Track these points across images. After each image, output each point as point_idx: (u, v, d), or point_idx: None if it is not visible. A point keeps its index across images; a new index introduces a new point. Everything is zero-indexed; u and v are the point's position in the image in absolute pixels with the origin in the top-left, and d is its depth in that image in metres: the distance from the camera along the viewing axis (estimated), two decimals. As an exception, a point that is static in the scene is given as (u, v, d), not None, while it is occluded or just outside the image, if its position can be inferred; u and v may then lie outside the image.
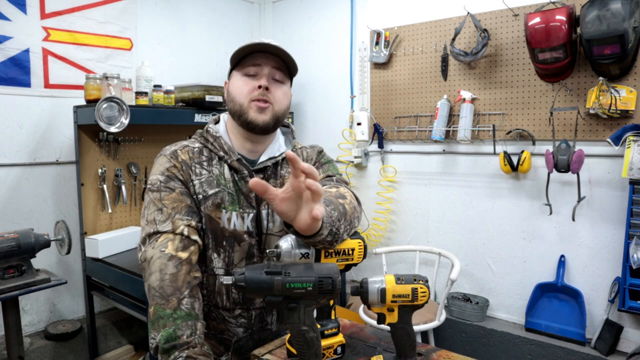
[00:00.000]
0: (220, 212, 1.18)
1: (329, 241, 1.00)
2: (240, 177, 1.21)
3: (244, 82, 1.19)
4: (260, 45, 1.16)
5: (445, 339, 2.78)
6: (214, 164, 1.21)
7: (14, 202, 2.50)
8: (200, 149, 1.23)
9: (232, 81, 1.23)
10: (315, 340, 0.96)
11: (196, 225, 1.14)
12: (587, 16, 2.10)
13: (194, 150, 1.22)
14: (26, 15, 2.45)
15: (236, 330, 1.23)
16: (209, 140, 1.23)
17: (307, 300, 0.94)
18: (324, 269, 0.96)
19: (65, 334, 2.56)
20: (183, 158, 1.19)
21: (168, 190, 1.14)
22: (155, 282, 1.05)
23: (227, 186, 1.19)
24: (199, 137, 1.26)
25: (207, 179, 1.19)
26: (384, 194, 3.13)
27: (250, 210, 1.20)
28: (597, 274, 2.43)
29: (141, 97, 2.54)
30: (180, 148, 1.22)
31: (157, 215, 1.12)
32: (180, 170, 1.17)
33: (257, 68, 1.18)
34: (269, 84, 1.18)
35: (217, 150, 1.22)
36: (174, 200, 1.13)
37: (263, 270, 0.92)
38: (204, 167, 1.20)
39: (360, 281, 1.03)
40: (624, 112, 2.23)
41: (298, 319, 0.94)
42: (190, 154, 1.21)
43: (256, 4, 3.70)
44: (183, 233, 1.10)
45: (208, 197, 1.17)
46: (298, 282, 0.92)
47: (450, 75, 2.79)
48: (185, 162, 1.19)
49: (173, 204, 1.13)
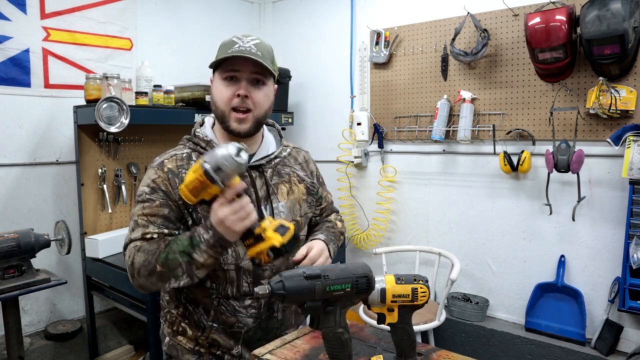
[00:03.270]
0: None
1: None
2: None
3: (224, 87, 1.21)
4: (238, 54, 1.17)
5: (445, 339, 2.78)
6: None
7: (14, 202, 2.50)
8: (189, 154, 1.25)
9: (214, 84, 1.25)
10: (349, 342, 0.96)
11: (169, 232, 1.17)
12: (587, 16, 2.10)
13: (182, 157, 1.24)
14: (26, 15, 2.45)
15: (246, 321, 1.25)
16: (199, 144, 1.26)
17: (344, 302, 0.94)
18: (358, 268, 0.95)
19: (65, 334, 2.56)
20: (169, 167, 1.22)
21: (149, 202, 1.19)
22: (141, 258, 1.13)
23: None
24: (187, 143, 1.28)
25: None
26: (384, 194, 3.13)
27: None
28: (597, 274, 2.43)
29: (141, 97, 2.54)
30: (168, 157, 1.24)
31: (134, 226, 1.19)
32: (165, 180, 1.20)
33: (236, 73, 1.20)
34: (247, 90, 1.20)
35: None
36: (153, 211, 1.18)
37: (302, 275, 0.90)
38: None
39: (361, 281, 1.03)
40: (624, 112, 2.23)
41: (334, 321, 0.93)
42: (179, 161, 1.23)
43: (256, 4, 3.70)
44: (153, 237, 1.16)
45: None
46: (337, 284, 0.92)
47: (450, 75, 2.79)
48: (172, 171, 1.21)
49: (150, 215, 1.18)
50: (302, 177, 1.38)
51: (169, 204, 1.19)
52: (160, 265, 1.11)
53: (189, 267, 1.10)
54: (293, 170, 1.37)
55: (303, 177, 1.39)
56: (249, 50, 1.18)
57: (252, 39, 1.21)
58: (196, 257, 1.08)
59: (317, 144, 3.49)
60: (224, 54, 1.19)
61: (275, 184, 1.30)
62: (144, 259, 1.13)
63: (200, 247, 1.08)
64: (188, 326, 1.28)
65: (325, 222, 1.47)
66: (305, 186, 1.39)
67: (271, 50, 1.26)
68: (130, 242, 1.18)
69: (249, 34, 1.24)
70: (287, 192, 1.32)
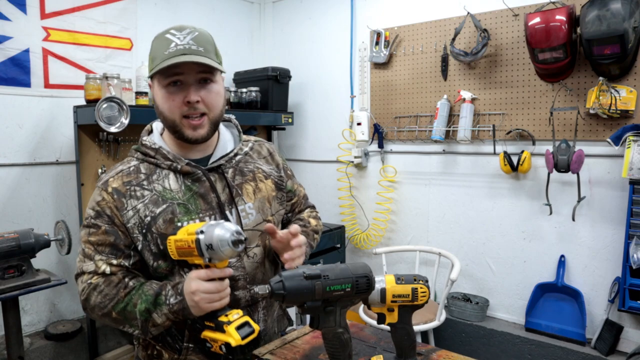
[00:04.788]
0: (175, 226, 1.09)
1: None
2: (193, 180, 1.13)
3: (169, 95, 1.08)
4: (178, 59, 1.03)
5: (445, 339, 2.78)
6: (155, 179, 1.12)
7: (14, 202, 2.50)
8: (137, 167, 1.14)
9: (155, 91, 1.11)
10: (349, 342, 0.95)
11: (119, 262, 1.09)
12: (587, 16, 2.10)
13: (129, 172, 1.13)
14: (26, 15, 2.45)
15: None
16: (147, 154, 1.15)
17: (344, 302, 0.94)
18: (359, 268, 0.95)
19: (65, 334, 2.56)
20: (114, 186, 1.11)
21: (95, 228, 1.10)
22: (98, 299, 1.07)
23: (175, 198, 1.11)
24: (134, 153, 1.18)
25: (151, 198, 1.10)
26: (384, 194, 3.13)
27: (211, 212, 1.13)
28: (597, 274, 2.43)
29: (141, 97, 2.54)
30: (113, 175, 1.13)
31: (83, 254, 1.11)
32: (109, 204, 1.09)
33: (180, 77, 1.06)
34: (197, 95, 1.07)
35: (160, 162, 1.13)
36: (99, 239, 1.09)
37: (301, 275, 0.90)
38: (144, 188, 1.11)
39: (361, 281, 1.03)
40: (624, 112, 2.23)
41: (334, 321, 0.93)
42: (125, 178, 1.12)
43: (256, 4, 3.70)
44: (105, 272, 1.09)
45: (157, 217, 1.09)
46: (337, 284, 0.91)
47: (450, 75, 2.79)
48: (117, 190, 1.10)
49: (97, 243, 1.10)
50: (267, 173, 1.27)
51: (115, 230, 1.09)
52: (117, 314, 1.06)
53: (144, 324, 1.04)
54: (257, 166, 1.25)
55: (269, 172, 1.27)
56: (189, 49, 1.04)
57: (188, 32, 1.07)
58: (155, 317, 1.03)
59: (317, 144, 3.49)
60: (161, 57, 1.04)
61: (238, 184, 1.19)
62: (100, 301, 1.07)
63: (162, 309, 1.02)
64: (163, 349, 1.16)
65: (297, 221, 1.34)
66: (273, 181, 1.27)
67: (211, 39, 1.12)
68: (83, 274, 1.10)
69: (184, 26, 1.09)
70: (253, 191, 1.21)
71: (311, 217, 1.37)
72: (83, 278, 1.10)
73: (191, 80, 1.07)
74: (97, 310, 1.08)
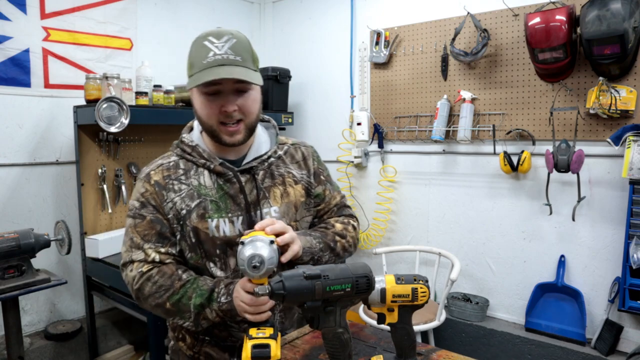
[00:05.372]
0: (206, 222, 1.15)
1: (311, 262, 1.18)
2: (225, 180, 1.18)
3: (207, 102, 1.11)
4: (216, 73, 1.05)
5: (445, 339, 2.78)
6: (192, 174, 1.18)
7: (14, 202, 2.50)
8: (177, 162, 1.21)
9: (195, 97, 1.15)
10: (349, 342, 0.95)
11: (167, 250, 1.16)
12: (587, 16, 2.10)
13: (169, 167, 1.20)
14: (26, 15, 2.45)
15: (240, 335, 1.19)
16: (185, 150, 1.21)
17: (344, 302, 0.94)
18: (359, 268, 0.95)
19: (65, 334, 2.56)
20: (156, 179, 1.18)
21: (140, 218, 1.17)
22: (152, 289, 1.13)
23: (208, 194, 1.17)
24: (174, 149, 1.24)
25: (188, 192, 1.17)
26: (384, 194, 3.13)
27: (240, 213, 1.17)
28: (597, 274, 2.43)
29: (141, 97, 2.54)
30: (154, 168, 1.21)
31: (131, 244, 1.17)
32: (153, 194, 1.17)
33: (218, 87, 1.10)
34: (234, 105, 1.10)
35: (196, 159, 1.19)
36: (145, 228, 1.16)
37: (301, 275, 0.90)
38: (182, 182, 1.18)
39: (361, 281, 1.03)
40: (624, 112, 2.23)
41: (334, 322, 0.93)
42: (165, 172, 1.19)
43: (256, 4, 3.70)
44: (155, 260, 1.15)
45: (192, 211, 1.15)
46: (337, 284, 0.91)
47: (450, 75, 2.79)
48: (159, 184, 1.17)
49: (144, 232, 1.16)
50: (298, 178, 1.27)
51: (160, 219, 1.16)
52: (171, 305, 1.12)
53: (197, 317, 1.12)
54: (288, 171, 1.26)
55: (299, 178, 1.28)
56: (227, 59, 1.06)
57: (226, 40, 1.08)
58: (207, 312, 1.11)
59: (317, 144, 3.43)
60: (199, 67, 1.08)
61: (267, 187, 1.21)
62: (154, 291, 1.13)
63: (213, 306, 1.10)
64: (187, 334, 1.25)
65: (321, 224, 1.31)
66: (303, 187, 1.28)
67: (249, 46, 1.12)
68: (132, 263, 1.15)
69: (222, 32, 1.10)
70: (280, 195, 1.22)
71: (338, 222, 1.31)
72: (133, 267, 1.15)
73: (228, 89, 1.10)
74: (150, 300, 1.14)
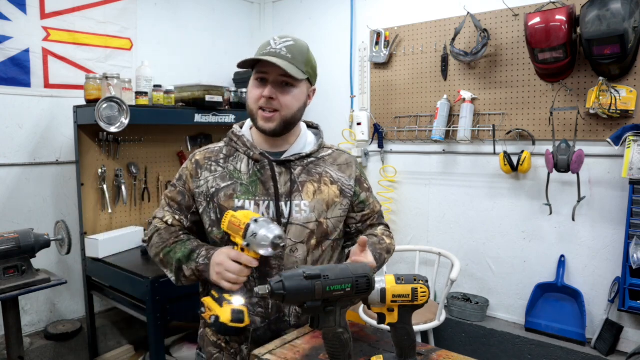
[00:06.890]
0: (232, 202, 1.26)
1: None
2: (260, 167, 1.28)
3: (254, 87, 1.26)
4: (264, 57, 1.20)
5: (445, 339, 2.78)
6: (231, 160, 1.32)
7: (14, 202, 2.50)
8: (221, 148, 1.36)
9: (250, 82, 1.29)
10: (349, 342, 0.96)
11: (180, 219, 1.33)
12: (587, 16, 2.10)
13: (214, 150, 1.35)
14: (26, 15, 2.45)
15: (254, 319, 1.24)
16: (232, 139, 1.35)
17: (344, 302, 0.94)
18: (359, 268, 0.95)
19: (65, 334, 2.56)
20: (197, 159, 1.34)
21: (174, 187, 1.36)
22: (156, 240, 1.31)
23: (240, 178, 1.28)
24: (225, 137, 1.40)
25: (222, 174, 1.30)
26: (384, 194, 3.13)
27: (267, 199, 1.26)
28: (597, 274, 2.43)
29: (141, 97, 2.54)
30: (202, 150, 1.37)
31: (162, 203, 1.38)
32: (191, 171, 1.33)
33: (264, 75, 1.23)
34: (273, 93, 1.22)
35: (239, 147, 1.32)
36: (173, 196, 1.35)
37: (301, 275, 0.90)
38: (219, 165, 1.32)
39: (361, 281, 1.03)
40: (624, 112, 2.23)
41: (334, 321, 0.93)
42: (208, 154, 1.34)
43: (256, 4, 3.70)
44: (168, 222, 1.33)
45: (220, 190, 1.28)
46: (337, 284, 0.91)
47: (450, 75, 2.79)
48: (198, 162, 1.33)
49: (171, 199, 1.35)
50: (335, 179, 1.33)
51: (184, 193, 1.33)
52: (163, 256, 1.28)
53: (177, 272, 1.26)
54: (326, 171, 1.33)
55: (337, 179, 1.33)
56: (277, 53, 1.21)
57: (285, 41, 1.24)
58: (184, 268, 1.24)
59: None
60: (255, 54, 1.25)
61: (302, 181, 1.28)
62: (156, 242, 1.31)
63: (191, 265, 1.22)
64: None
65: (372, 237, 1.35)
66: (339, 188, 1.33)
67: (305, 51, 1.27)
68: (155, 218, 1.36)
69: (287, 36, 1.26)
70: (314, 191, 1.29)
71: (385, 236, 1.40)
72: (154, 221, 1.36)
73: (272, 79, 1.23)
74: (153, 249, 1.32)
